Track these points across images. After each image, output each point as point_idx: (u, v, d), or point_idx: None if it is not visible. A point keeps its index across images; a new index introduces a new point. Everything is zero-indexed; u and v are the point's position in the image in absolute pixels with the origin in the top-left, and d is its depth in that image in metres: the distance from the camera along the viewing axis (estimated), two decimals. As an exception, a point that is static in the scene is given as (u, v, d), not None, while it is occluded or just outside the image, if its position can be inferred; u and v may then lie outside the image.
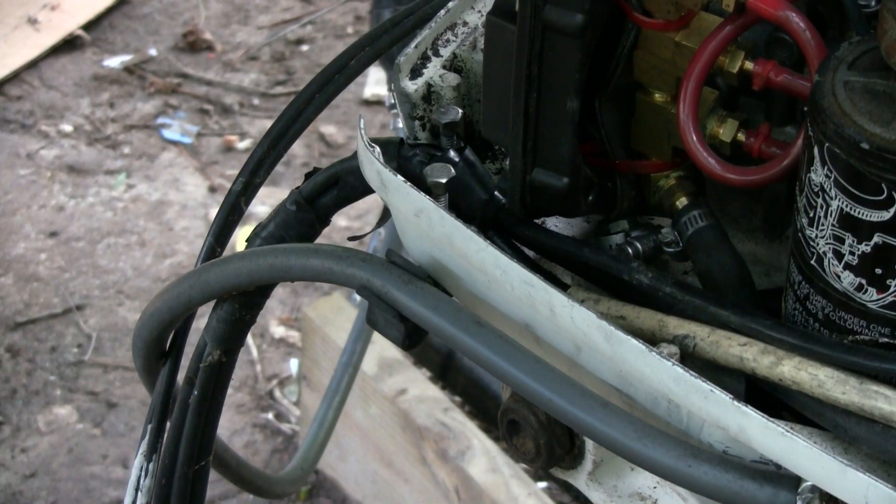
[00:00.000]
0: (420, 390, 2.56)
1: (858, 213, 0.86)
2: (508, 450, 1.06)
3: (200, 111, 3.75)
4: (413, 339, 0.98)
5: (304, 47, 3.98)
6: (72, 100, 3.76)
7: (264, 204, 3.23)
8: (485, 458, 2.42)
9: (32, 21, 3.93)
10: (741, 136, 0.99)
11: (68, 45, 3.92)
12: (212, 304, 1.16)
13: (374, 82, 3.73)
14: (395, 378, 2.59)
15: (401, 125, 1.10)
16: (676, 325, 0.95)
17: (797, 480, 0.91)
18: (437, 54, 1.08)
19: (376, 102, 3.70)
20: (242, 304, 1.14)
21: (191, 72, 3.87)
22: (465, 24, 1.10)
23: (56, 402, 2.99)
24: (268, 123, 2.70)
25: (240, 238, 1.99)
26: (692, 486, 0.89)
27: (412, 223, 1.00)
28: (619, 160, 1.05)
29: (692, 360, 0.94)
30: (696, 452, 0.89)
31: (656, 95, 1.02)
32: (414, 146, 1.05)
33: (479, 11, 1.10)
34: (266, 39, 3.99)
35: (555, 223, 1.10)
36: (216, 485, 2.72)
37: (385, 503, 2.66)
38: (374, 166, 1.01)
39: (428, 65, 1.08)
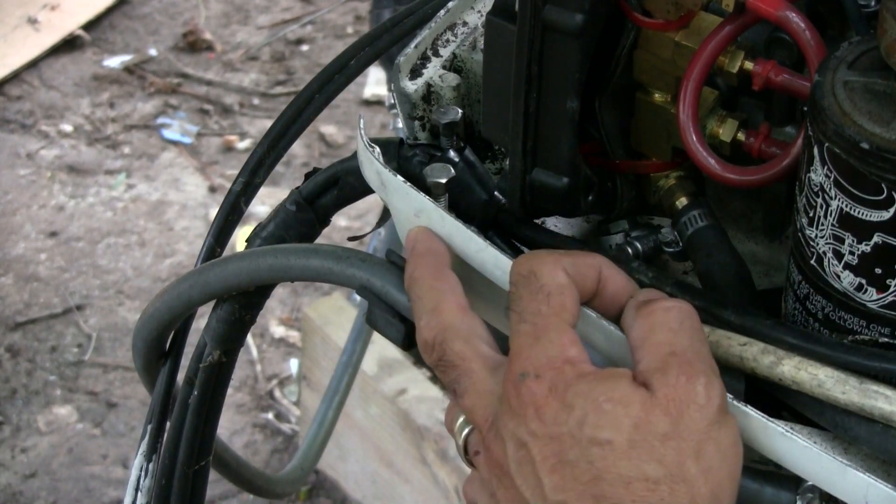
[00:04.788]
0: (420, 390, 2.56)
1: (858, 212, 0.86)
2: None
3: (200, 111, 3.75)
4: (413, 339, 0.98)
5: (304, 47, 3.98)
6: (72, 100, 3.76)
7: (264, 204, 3.23)
8: (485, 458, 2.41)
9: (32, 21, 3.94)
10: (741, 136, 0.99)
11: (68, 45, 3.92)
12: (212, 304, 1.16)
13: (374, 82, 3.73)
14: (395, 378, 2.59)
15: (401, 125, 1.10)
16: (676, 325, 0.95)
17: (797, 480, 0.91)
18: (436, 54, 1.08)
19: (376, 102, 3.70)
20: (242, 304, 1.14)
21: (191, 72, 3.87)
22: (464, 24, 1.10)
23: (56, 402, 3.00)
24: (268, 123, 2.71)
25: (240, 238, 1.99)
26: (692, 486, 0.89)
27: (412, 223, 1.00)
28: (619, 160, 1.05)
29: (692, 360, 0.94)
30: (696, 452, 0.89)
31: (656, 95, 1.02)
32: (414, 146, 1.05)
33: (479, 11, 1.10)
34: (266, 39, 3.99)
35: (555, 223, 1.10)
36: (216, 485, 2.72)
37: (385, 503, 2.66)
38: (373, 166, 1.01)
39: (428, 65, 1.08)
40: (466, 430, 0.92)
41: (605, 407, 0.83)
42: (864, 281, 0.88)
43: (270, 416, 2.97)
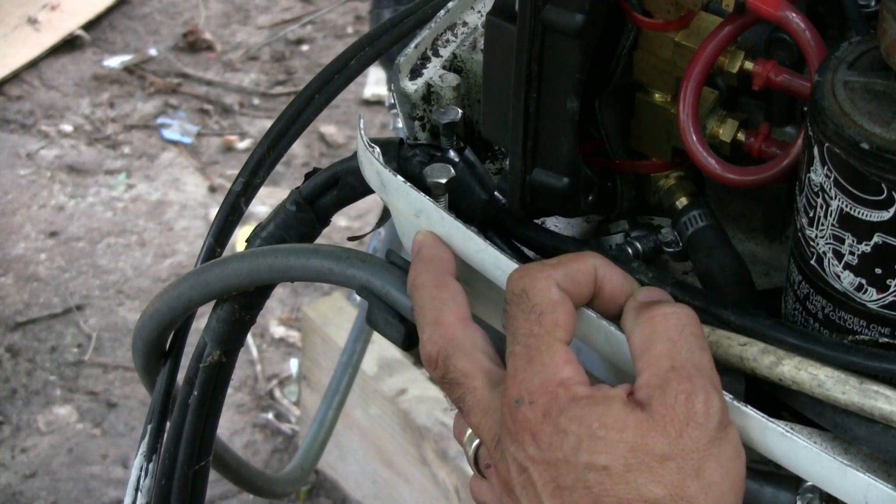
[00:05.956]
0: (420, 390, 2.56)
1: (858, 212, 0.86)
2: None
3: (200, 111, 3.75)
4: (413, 340, 0.98)
5: (304, 47, 3.98)
6: (72, 100, 3.76)
7: (264, 204, 3.23)
8: (485, 458, 2.42)
9: (32, 21, 3.93)
10: (741, 136, 0.99)
11: (68, 45, 3.92)
12: (212, 304, 1.16)
13: (374, 82, 3.73)
14: (395, 378, 2.59)
15: (401, 125, 1.10)
16: (676, 325, 0.95)
17: (797, 481, 0.91)
18: (436, 55, 1.08)
19: (376, 102, 3.71)
20: (242, 304, 1.14)
21: (191, 72, 3.87)
22: (464, 24, 1.10)
23: (56, 402, 3.00)
24: (268, 123, 2.71)
25: (240, 238, 1.99)
26: (692, 487, 0.89)
27: (412, 223, 1.00)
28: (619, 160, 1.05)
29: (692, 360, 0.94)
30: (696, 452, 0.89)
31: (656, 95, 1.02)
32: (414, 146, 1.05)
33: (479, 11, 1.10)
34: (266, 39, 3.99)
35: (555, 223, 1.10)
36: (216, 485, 2.72)
37: (385, 503, 2.66)
38: (373, 167, 1.01)
39: (428, 65, 1.08)
40: (476, 443, 0.93)
41: (598, 433, 0.83)
42: (864, 281, 0.88)
43: (270, 416, 2.97)
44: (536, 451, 0.84)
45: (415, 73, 1.07)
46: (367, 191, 1.07)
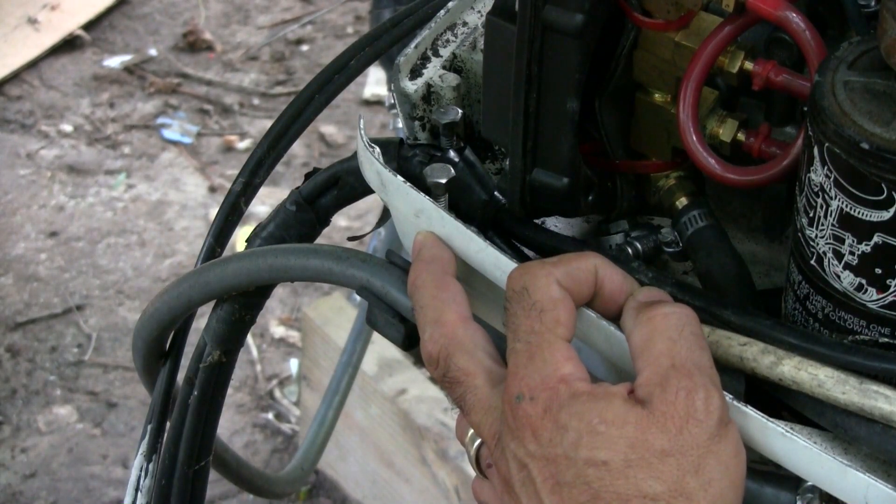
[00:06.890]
0: (420, 390, 2.56)
1: (858, 212, 0.86)
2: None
3: (200, 111, 3.75)
4: (413, 340, 0.98)
5: (304, 47, 3.98)
6: (72, 100, 3.76)
7: (264, 204, 3.24)
8: (485, 458, 2.41)
9: (32, 21, 3.94)
10: (741, 136, 0.99)
11: (68, 45, 3.92)
12: (212, 304, 1.16)
13: (374, 82, 3.73)
14: (395, 378, 2.59)
15: (401, 125, 1.10)
16: (676, 325, 0.95)
17: (797, 480, 0.91)
18: (436, 54, 1.08)
19: (376, 102, 3.71)
20: (242, 304, 1.14)
21: (191, 72, 3.87)
22: (464, 24, 1.10)
23: (56, 402, 3.00)
24: (268, 123, 2.71)
25: (240, 238, 1.99)
26: (692, 487, 0.89)
27: (412, 223, 1.00)
28: (619, 160, 1.05)
29: (692, 360, 0.94)
30: (696, 452, 0.89)
31: (656, 95, 1.02)
32: (414, 146, 1.05)
33: (479, 11, 1.10)
34: (266, 39, 3.99)
35: (555, 223, 1.10)
36: (216, 485, 2.72)
37: (385, 503, 2.66)
38: (373, 167, 1.01)
39: (428, 65, 1.08)
40: (477, 443, 0.93)
41: (599, 428, 0.83)
42: (864, 281, 0.88)
43: (270, 416, 2.97)
44: (536, 448, 0.84)
45: (415, 73, 1.07)
46: (367, 191, 1.07)
